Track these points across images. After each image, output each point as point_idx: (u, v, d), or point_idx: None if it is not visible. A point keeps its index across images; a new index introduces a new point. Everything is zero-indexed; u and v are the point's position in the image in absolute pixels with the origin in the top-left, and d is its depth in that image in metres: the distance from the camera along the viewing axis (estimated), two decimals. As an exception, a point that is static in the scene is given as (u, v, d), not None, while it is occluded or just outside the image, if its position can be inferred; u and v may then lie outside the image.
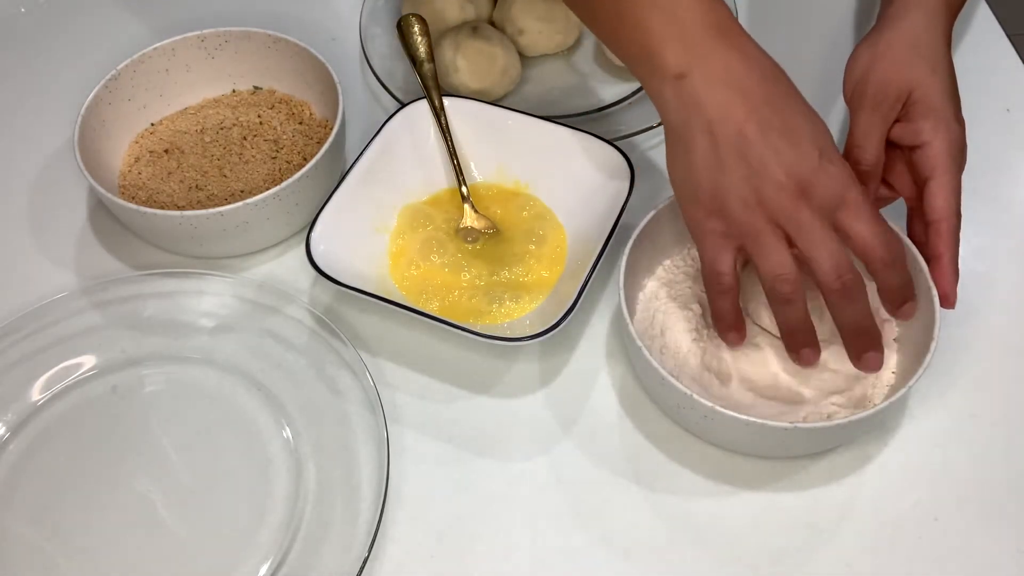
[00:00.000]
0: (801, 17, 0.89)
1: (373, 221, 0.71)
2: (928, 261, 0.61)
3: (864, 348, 0.57)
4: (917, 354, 0.58)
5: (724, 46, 0.56)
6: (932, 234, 0.61)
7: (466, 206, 0.72)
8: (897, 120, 0.63)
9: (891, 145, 0.64)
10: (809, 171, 0.55)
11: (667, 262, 0.67)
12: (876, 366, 0.58)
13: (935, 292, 0.60)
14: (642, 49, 0.58)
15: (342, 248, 0.67)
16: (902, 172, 0.64)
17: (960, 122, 0.63)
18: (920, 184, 0.62)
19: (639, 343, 0.58)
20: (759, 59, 0.57)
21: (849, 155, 0.63)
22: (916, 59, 0.63)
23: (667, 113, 0.58)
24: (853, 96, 0.65)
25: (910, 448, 0.62)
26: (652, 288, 0.66)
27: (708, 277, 0.59)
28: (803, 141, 0.55)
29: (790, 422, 0.55)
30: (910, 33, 0.64)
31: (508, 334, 0.62)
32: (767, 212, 0.55)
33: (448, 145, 0.72)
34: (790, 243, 0.56)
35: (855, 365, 0.58)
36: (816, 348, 0.58)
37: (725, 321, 0.60)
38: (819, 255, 0.55)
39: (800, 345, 0.58)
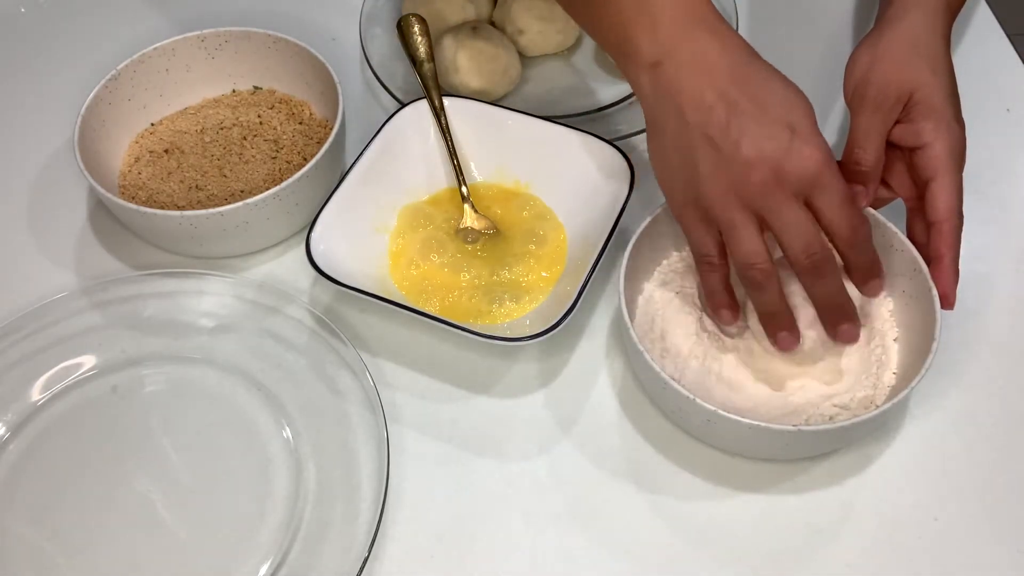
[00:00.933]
0: (801, 17, 0.89)
1: (373, 221, 0.71)
2: (929, 262, 0.61)
3: (838, 321, 0.59)
4: (918, 355, 0.58)
5: (696, 34, 0.57)
6: (934, 235, 0.61)
7: (466, 206, 0.72)
8: (898, 121, 0.63)
9: (891, 146, 0.64)
10: (780, 151, 0.55)
11: (666, 264, 0.67)
12: (852, 338, 0.59)
13: (935, 293, 0.60)
14: (620, 40, 0.59)
15: (342, 248, 0.67)
16: (901, 172, 0.64)
17: (960, 123, 0.63)
18: (921, 185, 0.62)
19: (640, 347, 0.58)
20: (732, 44, 0.58)
21: (850, 156, 0.63)
22: (916, 60, 0.63)
23: (644, 102, 0.60)
24: (854, 97, 0.65)
25: (910, 448, 0.62)
26: (652, 290, 0.66)
27: (697, 260, 0.60)
28: (773, 120, 0.55)
29: (793, 425, 0.55)
30: (910, 34, 0.64)
31: (508, 334, 0.62)
32: (738, 196, 0.56)
33: (448, 145, 0.72)
34: (764, 224, 0.56)
35: (831, 337, 0.59)
36: (795, 332, 0.59)
37: (715, 299, 0.61)
38: (789, 236, 0.56)
39: (777, 329, 0.59)
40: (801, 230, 0.56)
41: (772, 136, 0.55)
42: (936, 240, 0.61)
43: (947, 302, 0.60)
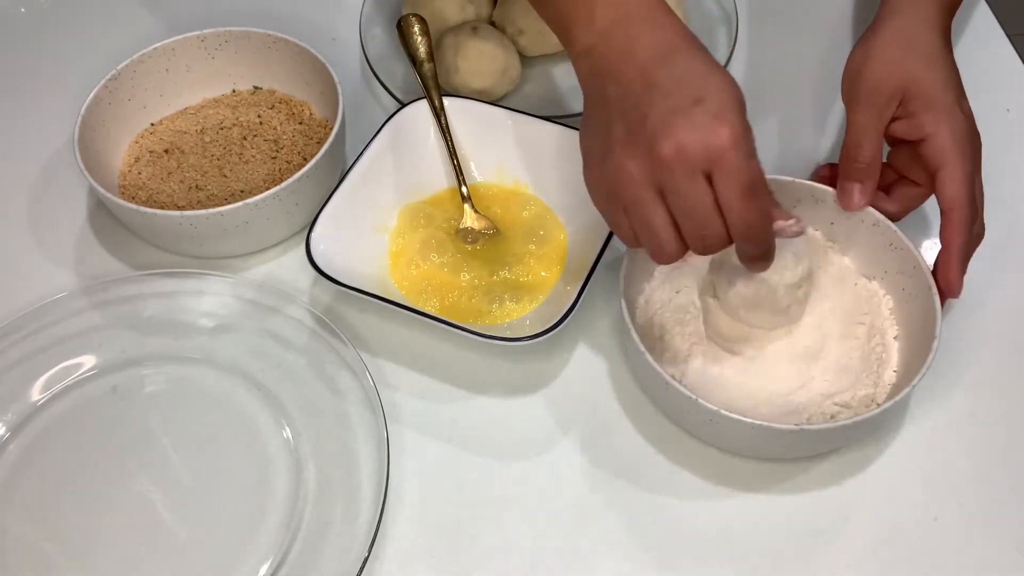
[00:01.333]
0: (801, 16, 0.89)
1: (373, 221, 0.71)
2: (941, 250, 0.61)
3: (755, 261, 0.57)
4: (919, 353, 0.59)
5: (629, 23, 0.57)
6: (943, 223, 0.61)
7: (466, 206, 0.72)
8: (899, 118, 0.63)
9: (904, 143, 0.64)
10: (686, 125, 0.52)
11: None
12: (761, 268, 0.57)
13: (935, 290, 0.60)
14: (564, 31, 0.60)
15: (342, 248, 0.67)
16: (918, 169, 0.64)
17: (965, 112, 0.62)
18: (933, 178, 0.62)
19: (642, 349, 0.58)
20: (667, 32, 0.56)
21: (847, 153, 0.64)
22: (910, 56, 0.63)
23: (582, 88, 0.60)
24: (849, 95, 0.65)
25: (910, 448, 0.62)
26: (651, 290, 0.66)
27: (624, 243, 0.58)
28: (687, 97, 0.53)
29: (795, 424, 0.55)
30: (903, 30, 0.64)
31: (508, 334, 0.62)
32: (642, 171, 0.54)
33: (448, 145, 0.72)
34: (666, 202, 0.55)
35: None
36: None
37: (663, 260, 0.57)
38: (681, 217, 0.54)
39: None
40: (695, 214, 0.53)
41: (681, 110, 0.53)
42: (945, 228, 0.61)
43: (951, 290, 0.60)
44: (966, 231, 0.61)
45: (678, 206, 0.54)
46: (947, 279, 0.60)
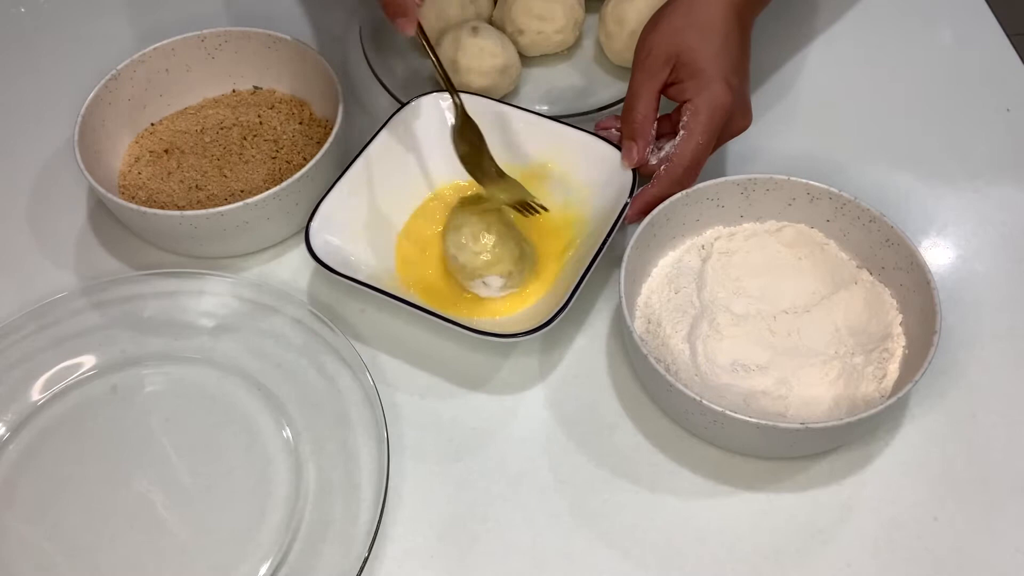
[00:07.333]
0: (799, 16, 0.89)
1: (372, 216, 0.70)
2: (644, 187, 0.67)
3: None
4: (918, 353, 0.59)
5: None
6: (660, 173, 0.66)
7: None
8: (672, 83, 0.67)
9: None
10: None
11: (665, 263, 0.67)
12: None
13: (935, 286, 0.59)
14: None
15: (341, 241, 0.67)
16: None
17: (731, 87, 0.66)
18: None
19: (644, 351, 0.58)
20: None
21: (623, 113, 0.68)
22: (689, 26, 0.66)
23: None
24: (634, 61, 0.68)
25: (910, 448, 0.62)
26: (650, 289, 0.66)
27: None
28: None
29: (800, 423, 0.55)
30: (692, 3, 0.67)
31: (505, 330, 0.62)
32: None
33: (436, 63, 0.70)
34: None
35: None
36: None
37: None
38: None
39: None
40: None
41: None
42: (656, 177, 0.66)
43: (628, 217, 0.66)
44: (668, 187, 0.66)
45: None
46: (633, 208, 0.66)
